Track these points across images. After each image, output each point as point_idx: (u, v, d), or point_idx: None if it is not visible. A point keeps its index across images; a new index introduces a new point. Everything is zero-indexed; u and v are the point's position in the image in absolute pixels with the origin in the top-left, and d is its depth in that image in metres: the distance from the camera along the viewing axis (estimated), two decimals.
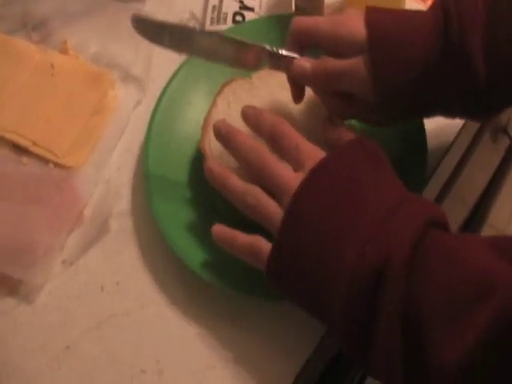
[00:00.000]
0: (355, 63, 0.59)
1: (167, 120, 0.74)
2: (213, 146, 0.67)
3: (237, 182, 0.60)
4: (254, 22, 0.81)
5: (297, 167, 0.57)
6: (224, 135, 0.62)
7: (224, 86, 0.72)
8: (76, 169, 0.74)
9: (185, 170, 0.73)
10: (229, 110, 0.71)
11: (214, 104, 0.71)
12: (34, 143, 0.75)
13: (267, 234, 0.57)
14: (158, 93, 0.76)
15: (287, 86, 0.66)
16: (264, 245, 0.57)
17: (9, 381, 0.65)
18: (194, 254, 0.66)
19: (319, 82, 0.62)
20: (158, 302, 0.67)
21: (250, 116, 0.62)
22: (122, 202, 0.73)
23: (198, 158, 0.70)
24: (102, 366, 0.65)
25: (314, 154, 0.57)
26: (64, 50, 0.81)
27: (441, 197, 0.73)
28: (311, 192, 0.54)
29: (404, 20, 0.59)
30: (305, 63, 0.62)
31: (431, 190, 0.71)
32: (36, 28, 0.82)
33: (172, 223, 0.68)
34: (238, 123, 0.63)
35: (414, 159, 0.68)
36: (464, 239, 0.50)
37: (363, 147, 0.57)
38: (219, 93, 0.72)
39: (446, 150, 0.72)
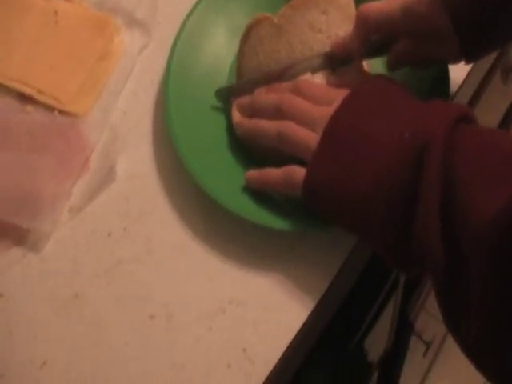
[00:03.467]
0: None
1: (187, 53, 0.72)
2: None
3: (269, 123, 0.62)
4: None
5: (328, 103, 0.59)
6: (248, 104, 0.65)
7: (249, 29, 0.69)
8: (82, 115, 0.72)
9: (206, 102, 0.71)
10: (258, 61, 0.69)
11: (241, 53, 0.70)
12: (39, 91, 0.73)
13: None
14: (164, 36, 0.74)
15: (317, 24, 0.66)
16: (298, 170, 0.58)
17: (18, 330, 0.64)
18: (214, 182, 0.65)
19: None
20: (166, 246, 0.66)
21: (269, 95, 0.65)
22: (128, 147, 0.71)
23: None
24: (110, 313, 0.64)
25: (342, 91, 0.59)
26: None
27: None
28: (347, 112, 0.57)
29: None
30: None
31: None
32: None
33: (191, 150, 0.67)
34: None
35: None
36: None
37: (387, 79, 0.60)
38: (245, 38, 0.69)
39: (454, 93, 0.69)
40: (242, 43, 0.69)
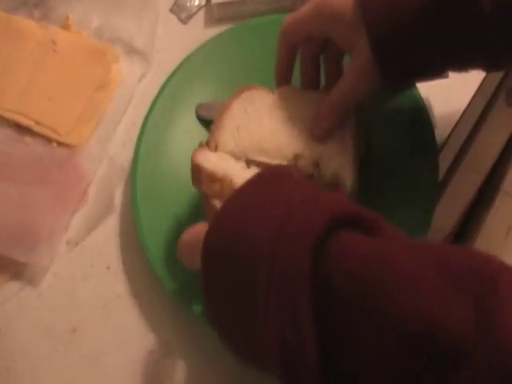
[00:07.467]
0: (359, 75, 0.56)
1: (156, 141, 0.69)
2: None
3: None
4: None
5: None
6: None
7: (241, 91, 0.64)
8: (80, 147, 0.72)
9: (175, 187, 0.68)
10: (246, 117, 0.63)
11: (228, 107, 0.63)
12: (37, 122, 0.73)
13: None
14: (163, 64, 0.74)
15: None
16: None
17: (15, 365, 0.63)
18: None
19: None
20: None
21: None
22: (128, 179, 0.70)
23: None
24: (108, 348, 0.63)
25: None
26: (66, 26, 0.78)
27: (454, 164, 0.69)
28: (218, 227, 0.47)
29: None
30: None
31: (445, 158, 0.68)
32: (37, 5, 0.79)
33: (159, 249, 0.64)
34: (254, 132, 0.61)
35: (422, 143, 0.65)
36: (390, 248, 0.39)
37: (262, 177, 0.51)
38: (236, 96, 0.63)
39: (460, 116, 0.68)
40: (232, 98, 0.63)
